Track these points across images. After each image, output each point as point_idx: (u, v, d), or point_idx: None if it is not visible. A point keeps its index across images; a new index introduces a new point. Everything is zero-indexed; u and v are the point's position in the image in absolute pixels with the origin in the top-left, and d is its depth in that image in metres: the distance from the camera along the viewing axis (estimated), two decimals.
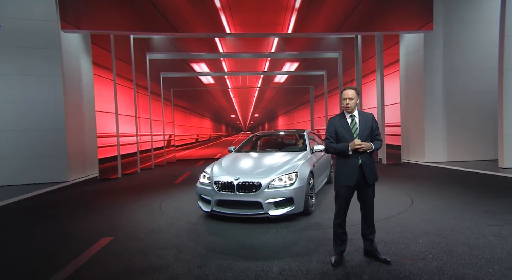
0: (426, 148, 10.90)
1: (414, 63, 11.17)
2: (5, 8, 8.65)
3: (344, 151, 3.20)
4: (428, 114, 10.86)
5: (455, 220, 4.49)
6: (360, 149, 3.17)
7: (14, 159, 8.71)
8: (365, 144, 3.18)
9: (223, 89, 15.91)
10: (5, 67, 8.68)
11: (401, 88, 11.27)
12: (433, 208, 5.19)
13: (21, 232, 4.61)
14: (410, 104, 11.48)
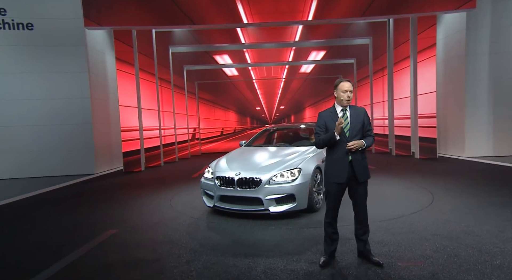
0: (467, 141, 10.03)
1: (454, 46, 10.24)
2: (36, 9, 9.17)
3: (331, 138, 3.02)
4: (470, 103, 9.94)
5: (474, 222, 4.10)
6: (352, 149, 2.97)
7: (47, 152, 9.30)
8: (355, 143, 3.00)
9: (248, 80, 15.80)
10: (38, 65, 9.24)
11: (438, 75, 10.42)
12: (454, 207, 4.78)
13: (36, 222, 4.89)
14: (449, 92, 10.61)
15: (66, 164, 9.33)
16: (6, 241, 4.09)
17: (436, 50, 10.20)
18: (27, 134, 9.28)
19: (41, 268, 3.20)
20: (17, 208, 5.83)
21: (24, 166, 9.26)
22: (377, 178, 7.28)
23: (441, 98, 10.67)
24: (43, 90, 9.32)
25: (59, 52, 9.27)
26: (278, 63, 14.37)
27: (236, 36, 11.60)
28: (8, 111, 9.22)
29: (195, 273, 3.00)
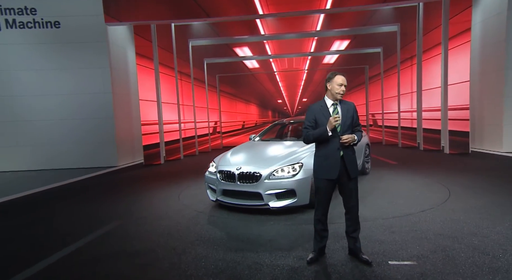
0: (505, 135, 9.26)
1: (493, 30, 9.41)
2: (62, 7, 9.59)
3: (323, 133, 2.91)
4: (510, 93, 9.15)
5: (486, 223, 3.83)
6: (345, 143, 2.87)
7: (74, 145, 9.81)
8: (349, 137, 2.92)
9: (269, 73, 15.61)
10: (65, 62, 9.71)
11: (473, 63, 9.66)
12: (469, 207, 4.49)
13: (54, 211, 5.18)
14: (485, 81, 9.83)
15: (91, 157, 9.79)
16: (23, 229, 4.36)
17: (471, 35, 9.46)
18: (55, 128, 9.83)
19: (44, 256, 3.39)
20: (42, 197, 6.21)
21: (53, 158, 9.83)
22: (396, 174, 6.98)
23: (475, 88, 9.93)
24: (70, 86, 9.79)
25: (83, 49, 9.67)
26: (300, 54, 14.08)
27: (256, 27, 11.48)
28: (39, 106, 9.80)
29: (183, 265, 3.06)
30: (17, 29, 9.73)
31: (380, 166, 8.04)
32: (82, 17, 9.57)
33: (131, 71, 10.83)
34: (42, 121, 9.86)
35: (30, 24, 9.75)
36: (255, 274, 2.82)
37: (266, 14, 9.23)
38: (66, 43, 9.71)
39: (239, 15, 9.35)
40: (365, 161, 7.01)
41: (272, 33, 11.81)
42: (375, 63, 14.04)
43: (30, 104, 9.81)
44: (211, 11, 9.00)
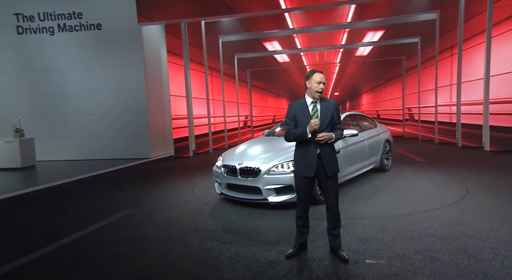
0: None
1: None
2: (103, 10, 10.38)
3: (302, 134, 2.97)
4: None
5: (492, 226, 3.67)
6: (321, 141, 2.90)
7: (113, 138, 10.65)
8: (326, 135, 2.91)
9: (300, 66, 15.43)
10: (106, 60, 10.52)
11: None
12: (481, 208, 4.30)
13: (79, 198, 5.75)
14: None
15: (128, 149, 10.57)
16: (52, 212, 4.94)
17: None
18: (98, 122, 10.74)
19: (58, 238, 3.84)
20: (79, 184, 6.90)
21: (96, 150, 10.77)
22: (417, 172, 6.71)
23: None
24: (110, 83, 10.61)
25: (121, 48, 10.40)
26: (331, 47, 13.73)
27: (284, 21, 11.44)
28: (84, 102, 10.76)
29: (171, 253, 3.31)
30: (67, 33, 10.72)
31: (404, 163, 7.74)
32: (119, 18, 10.28)
33: (163, 68, 11.42)
34: (86, 116, 10.83)
35: (77, 27, 10.68)
36: (233, 265, 2.99)
37: (295, 7, 9.15)
38: (107, 43, 10.52)
39: (269, 10, 9.34)
40: (385, 157, 6.82)
41: (301, 27, 11.69)
42: (413, 53, 13.29)
43: (77, 100, 10.80)
44: (235, 7, 9.16)
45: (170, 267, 3.01)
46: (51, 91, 10.92)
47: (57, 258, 3.34)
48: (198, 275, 2.84)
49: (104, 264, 3.14)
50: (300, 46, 13.51)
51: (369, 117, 7.02)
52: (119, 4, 10.27)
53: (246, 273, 2.83)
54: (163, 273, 2.91)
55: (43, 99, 11.00)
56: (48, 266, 3.15)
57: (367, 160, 6.07)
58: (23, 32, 10.90)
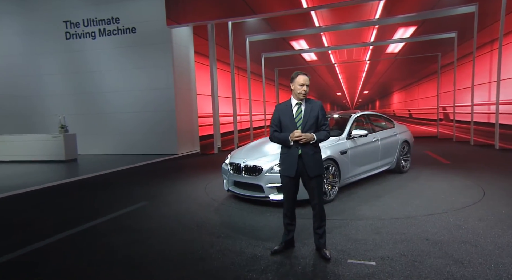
0: None
1: None
2: (137, 15, 11.05)
3: (285, 141, 3.08)
4: None
5: (494, 232, 3.58)
6: (300, 141, 2.99)
7: (145, 135, 11.31)
8: (305, 135, 3.00)
9: (327, 65, 15.18)
10: (140, 62, 11.19)
11: None
12: (491, 214, 4.17)
13: (102, 190, 6.27)
14: None
15: (157, 145, 11.18)
16: (75, 203, 5.47)
17: None
18: (131, 119, 11.47)
19: (74, 226, 4.27)
20: (110, 177, 7.49)
21: (130, 145, 11.51)
22: (437, 174, 6.49)
23: None
24: (143, 83, 11.27)
25: (153, 50, 11.00)
26: (359, 45, 13.37)
27: (310, 19, 11.38)
28: (119, 101, 11.54)
29: (170, 244, 3.57)
30: (106, 37, 11.55)
31: (426, 165, 7.46)
32: (152, 22, 10.87)
33: (191, 68, 11.89)
34: (122, 114, 11.61)
35: (115, 32, 11.46)
36: (219, 257, 3.18)
37: (322, 5, 9.09)
38: (140, 46, 11.18)
39: (295, 9, 9.38)
40: (403, 159, 6.64)
41: (328, 25, 11.56)
42: (449, 49, 12.57)
43: (113, 99, 11.61)
44: (257, 8, 9.31)
45: (163, 255, 3.27)
46: (92, 91, 11.84)
47: (69, 243, 3.73)
48: (186, 264, 3.07)
49: (105, 250, 3.47)
50: (327, 44, 13.34)
51: (386, 117, 6.86)
52: (151, 9, 10.87)
53: (230, 265, 3.01)
54: (154, 260, 3.17)
55: (85, 98, 11.95)
56: (59, 250, 3.54)
57: (380, 161, 5.98)
58: (70, 37, 11.91)
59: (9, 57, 12.48)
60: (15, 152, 10.84)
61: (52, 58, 12.13)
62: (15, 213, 5.05)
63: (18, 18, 12.26)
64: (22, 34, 12.27)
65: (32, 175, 8.18)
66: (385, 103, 15.05)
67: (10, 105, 12.71)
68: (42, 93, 12.41)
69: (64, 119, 10.70)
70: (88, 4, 11.58)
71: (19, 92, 12.59)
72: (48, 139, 10.55)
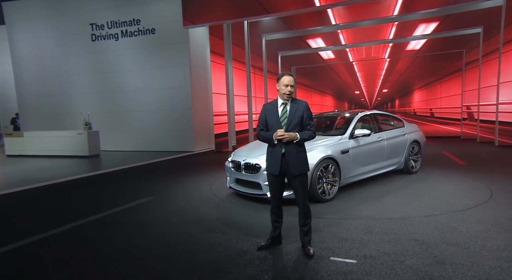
0: None
1: None
2: (156, 17, 11.44)
3: (270, 140, 3.18)
4: None
5: (490, 234, 3.54)
6: (283, 140, 3.08)
7: (163, 132, 11.70)
8: (288, 134, 3.07)
9: (345, 63, 14.92)
10: (159, 61, 11.57)
11: None
12: (492, 217, 4.08)
13: (116, 184, 6.60)
14: None
15: (175, 142, 11.54)
16: (88, 195, 5.81)
17: None
18: (151, 117, 11.90)
19: (81, 217, 4.55)
20: (126, 172, 7.87)
21: (149, 142, 11.94)
22: (447, 176, 6.32)
23: None
24: (162, 82, 11.66)
25: (171, 50, 11.34)
26: (377, 42, 13.05)
27: (326, 17, 11.28)
28: (139, 99, 12.01)
29: (165, 237, 3.76)
30: (128, 38, 12.03)
31: (439, 166, 7.26)
32: (170, 23, 11.20)
33: (207, 67, 12.14)
34: (142, 112, 12.07)
35: (136, 33, 11.91)
36: (207, 251, 3.33)
37: (340, 2, 9.01)
38: (159, 46, 11.56)
39: (310, 7, 9.35)
40: (412, 159, 6.51)
41: (346, 22, 11.41)
42: (475, 46, 12.02)
43: (134, 97, 12.09)
44: (270, 7, 9.36)
45: (158, 248, 3.46)
46: (114, 90, 12.39)
47: (74, 233, 4.01)
48: (177, 257, 3.24)
49: (106, 241, 3.71)
50: (344, 42, 13.15)
51: (394, 116, 6.74)
52: (170, 10, 11.20)
53: (216, 259, 3.14)
54: (149, 252, 3.36)
55: (108, 97, 12.53)
56: (64, 240, 3.82)
57: (386, 161, 5.90)
58: (95, 39, 12.50)
59: (43, 59, 13.30)
60: (44, 147, 11.56)
61: (79, 59, 12.79)
62: (33, 204, 5.45)
63: (50, 21, 13.03)
64: (54, 37, 13.03)
65: (57, 169, 8.72)
66: (405, 101, 14.62)
67: (42, 104, 13.57)
68: (70, 92, 13.13)
69: (88, 116, 11.28)
70: (112, 7, 12.11)
71: (50, 91, 13.40)
72: (74, 136, 11.17)
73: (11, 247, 3.62)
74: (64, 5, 12.77)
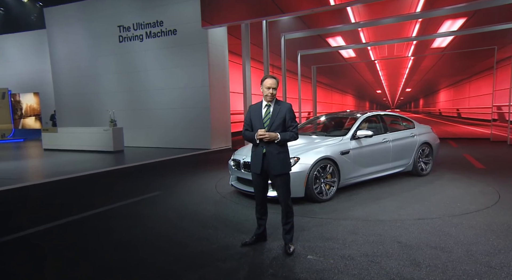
0: None
1: None
2: (178, 18, 11.83)
3: (252, 140, 3.30)
4: None
5: (478, 239, 3.49)
6: (263, 139, 3.19)
7: (182, 130, 12.09)
8: (269, 134, 3.17)
9: (366, 61, 14.53)
10: (180, 61, 11.97)
11: None
12: (491, 223, 3.97)
13: (129, 179, 6.97)
14: None
15: (193, 140, 11.90)
16: (103, 188, 6.20)
17: None
18: (171, 115, 12.35)
19: (91, 208, 4.89)
20: (143, 167, 8.27)
21: (170, 139, 12.39)
22: (459, 179, 6.13)
23: None
24: (182, 81, 12.05)
25: (191, 50, 11.68)
26: (400, 40, 12.60)
27: (346, 15, 11.10)
28: (161, 98, 12.49)
29: (161, 230, 3.99)
30: (151, 39, 12.54)
31: (454, 169, 7.00)
32: (190, 24, 11.54)
33: (225, 67, 12.37)
34: (163, 110, 12.56)
35: (159, 34, 12.39)
36: (197, 245, 3.50)
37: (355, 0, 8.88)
38: (181, 46, 11.94)
39: (330, 5, 9.28)
40: (423, 161, 6.35)
41: (366, 20, 11.17)
42: (507, 42, 11.32)
43: (156, 96, 12.60)
44: (284, 7, 9.38)
45: (152, 240, 3.69)
46: (138, 88, 12.96)
47: (79, 224, 4.33)
48: (165, 248, 3.45)
49: (107, 232, 3.99)
50: (365, 40, 12.85)
51: (404, 117, 6.58)
52: (190, 11, 11.54)
53: (200, 253, 3.31)
54: (144, 244, 3.60)
55: (132, 95, 13.13)
56: (69, 230, 4.16)
57: (392, 163, 5.81)
58: (122, 40, 13.14)
59: (76, 60, 14.18)
60: (75, 143, 12.34)
61: (108, 59, 13.50)
62: (51, 196, 5.89)
63: (84, 24, 13.85)
64: (86, 39, 13.84)
65: (82, 163, 9.32)
66: (430, 101, 14.04)
67: (76, 101, 14.48)
68: (99, 90, 13.90)
69: (113, 114, 11.90)
70: (137, 10, 12.66)
71: (82, 90, 14.26)
72: (100, 132, 11.84)
73: (22, 234, 4.00)
74: (95, 8, 13.52)
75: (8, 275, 3.04)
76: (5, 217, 4.74)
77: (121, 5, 12.97)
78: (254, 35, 11.70)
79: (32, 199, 5.68)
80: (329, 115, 6.65)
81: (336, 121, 6.25)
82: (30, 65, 18.67)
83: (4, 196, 5.90)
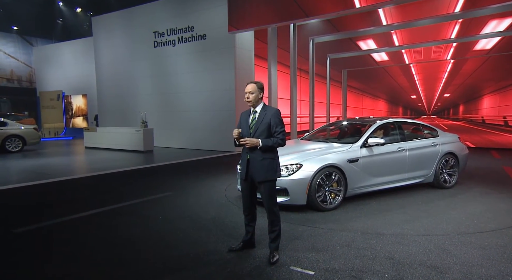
0: None
1: None
2: (207, 23, 12.13)
3: (234, 142, 3.30)
4: None
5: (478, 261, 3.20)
6: (245, 145, 3.17)
7: (209, 132, 12.31)
8: (250, 140, 3.14)
9: (400, 65, 13.72)
10: (209, 65, 12.25)
11: None
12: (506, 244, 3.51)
13: (152, 177, 7.22)
14: None
15: (219, 142, 12.06)
16: (123, 186, 6.47)
17: None
18: (199, 118, 12.64)
19: (102, 206, 5.10)
20: (167, 167, 8.55)
21: (198, 141, 12.68)
22: (488, 194, 5.64)
23: None
24: (210, 84, 12.31)
25: (219, 54, 11.90)
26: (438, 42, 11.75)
27: (377, 17, 10.65)
28: (190, 100, 12.84)
29: (159, 230, 4.09)
30: (183, 44, 12.97)
31: (485, 182, 6.41)
32: (219, 28, 11.74)
33: (252, 71, 12.41)
34: (192, 112, 12.90)
35: (190, 39, 12.78)
36: (184, 247, 3.55)
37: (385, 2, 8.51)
38: (209, 51, 12.22)
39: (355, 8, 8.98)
40: (447, 173, 5.89)
41: (399, 22, 10.64)
42: None
43: (186, 99, 12.97)
44: (309, 10, 9.20)
45: (149, 239, 3.79)
46: (169, 91, 13.45)
47: (87, 220, 4.55)
48: (159, 247, 3.54)
49: (110, 228, 4.17)
50: (398, 42, 12.21)
51: (426, 125, 6.14)
52: (219, 16, 11.77)
53: (185, 256, 3.34)
54: (140, 241, 3.71)
55: (163, 98, 13.66)
56: (76, 225, 4.38)
57: (408, 173, 5.45)
58: (157, 45, 13.75)
59: (117, 64, 15.08)
60: (111, 142, 13.07)
61: (144, 63, 14.19)
62: (70, 192, 6.25)
63: (124, 31, 14.70)
64: (126, 45, 14.67)
65: (113, 161, 9.83)
66: (471, 108, 12.96)
67: (115, 103, 15.39)
68: (135, 93, 14.64)
69: (145, 115, 12.45)
70: (171, 16, 13.17)
71: (121, 92, 15.11)
72: (132, 133, 12.43)
73: (27, 229, 4.31)
74: (134, 16, 14.29)
75: (8, 268, 3.28)
76: (17, 212, 5.11)
77: (156, 12, 13.58)
78: (281, 39, 11.65)
79: (51, 195, 6.08)
80: (342, 121, 6.42)
81: (349, 127, 6.01)
82: (79, 69, 20.19)
83: (28, 191, 6.38)
